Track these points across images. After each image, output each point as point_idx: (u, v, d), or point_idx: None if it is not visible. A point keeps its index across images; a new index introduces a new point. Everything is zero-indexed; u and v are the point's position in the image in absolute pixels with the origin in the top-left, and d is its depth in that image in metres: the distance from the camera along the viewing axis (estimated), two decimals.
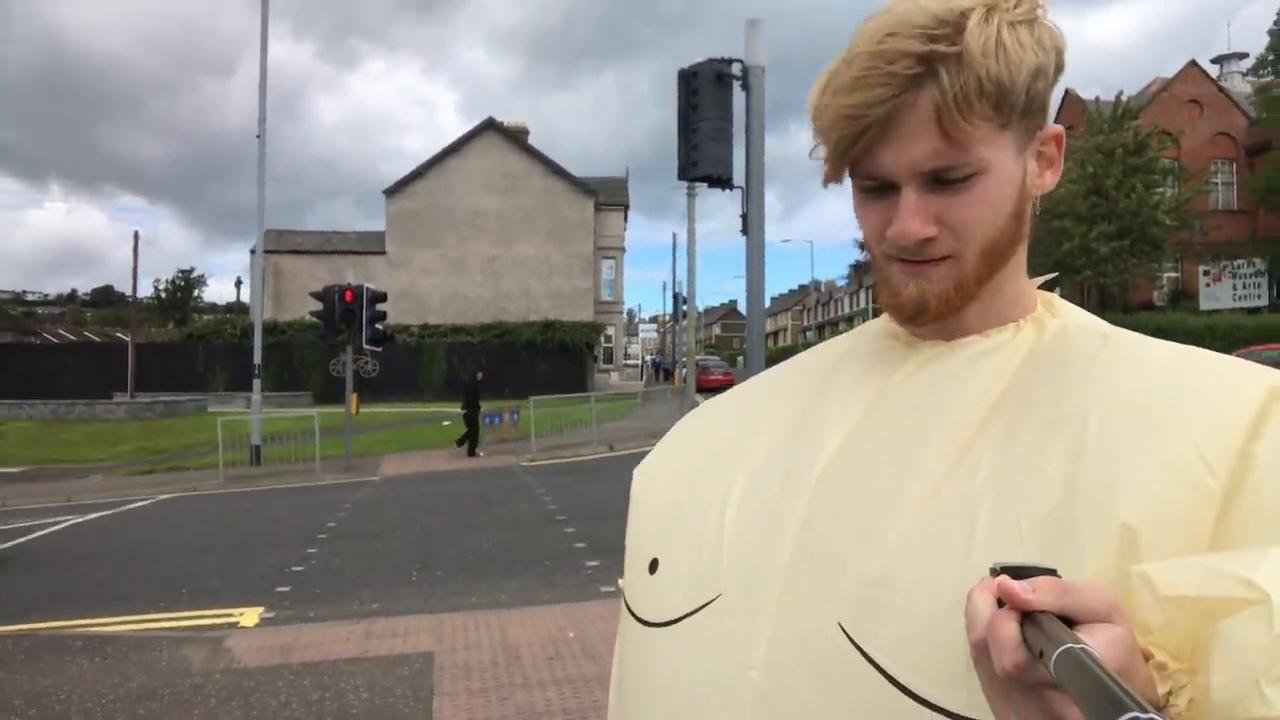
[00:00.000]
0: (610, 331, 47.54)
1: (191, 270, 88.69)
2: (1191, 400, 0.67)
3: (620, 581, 0.89)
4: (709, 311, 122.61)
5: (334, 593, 7.32)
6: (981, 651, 0.52)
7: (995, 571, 0.54)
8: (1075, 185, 27.28)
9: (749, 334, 9.52)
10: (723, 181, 7.82)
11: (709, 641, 0.75)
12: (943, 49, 0.68)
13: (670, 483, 0.91)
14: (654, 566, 0.84)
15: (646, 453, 0.99)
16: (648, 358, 72.31)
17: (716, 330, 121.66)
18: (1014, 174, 0.73)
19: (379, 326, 17.71)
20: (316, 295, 17.85)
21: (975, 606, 0.53)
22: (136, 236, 36.34)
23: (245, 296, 53.68)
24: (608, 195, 45.55)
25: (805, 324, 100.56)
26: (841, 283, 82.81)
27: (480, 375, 20.34)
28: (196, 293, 70.15)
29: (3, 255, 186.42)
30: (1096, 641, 0.49)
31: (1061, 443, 0.67)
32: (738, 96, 7.87)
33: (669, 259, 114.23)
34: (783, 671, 0.70)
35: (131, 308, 39.98)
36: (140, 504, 14.09)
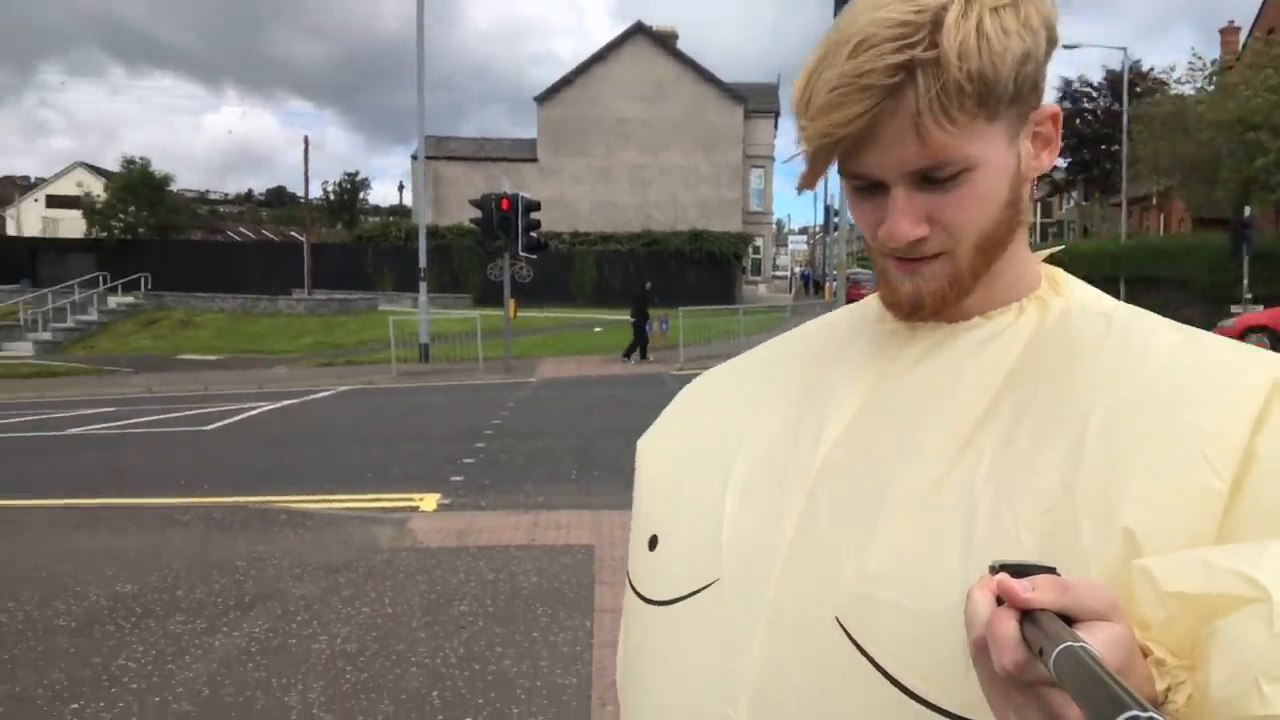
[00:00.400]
0: (759, 243, 47.07)
1: (356, 173, 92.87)
2: (1195, 396, 0.65)
3: (630, 548, 0.90)
4: None
5: (502, 485, 7.93)
6: (981, 650, 0.52)
7: (994, 570, 0.54)
8: (1275, 95, 24.65)
9: None
10: None
11: (707, 626, 0.75)
12: (920, 54, 0.64)
13: (670, 458, 0.90)
14: (654, 543, 0.84)
15: None
16: (797, 270, 71.18)
17: None
18: (1006, 163, 0.71)
19: (533, 234, 18.28)
20: (475, 203, 18.53)
21: (974, 605, 0.53)
22: (306, 141, 38.55)
23: (407, 200, 56.01)
24: (758, 102, 44.46)
25: None
26: None
27: (649, 285, 20.83)
28: (361, 195, 73.42)
29: (186, 157, 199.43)
30: (1096, 640, 0.49)
31: (1062, 442, 0.66)
32: None
33: None
34: (780, 662, 0.70)
35: (304, 210, 42.49)
36: (323, 394, 15.37)
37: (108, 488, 7.95)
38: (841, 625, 0.68)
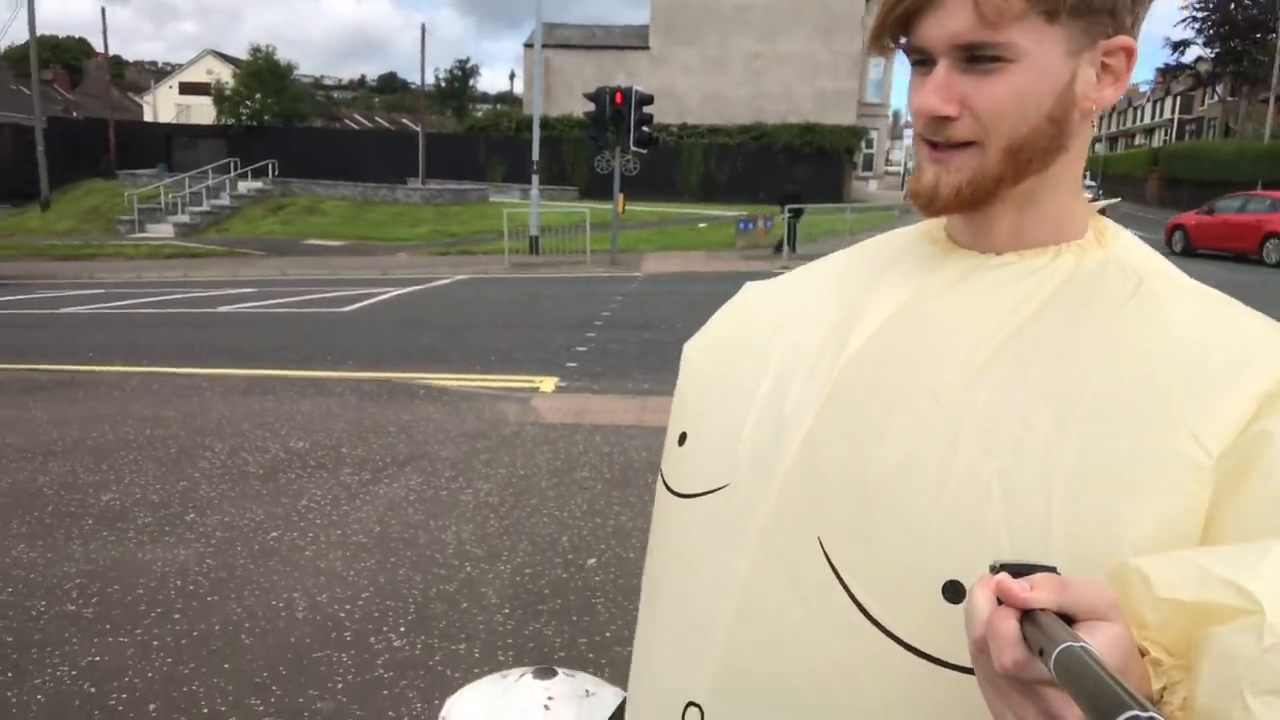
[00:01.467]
0: (873, 136, 45.74)
1: (467, 60, 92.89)
2: (1201, 371, 0.65)
3: (665, 441, 0.94)
4: None
5: (613, 372, 8.59)
6: (981, 649, 0.52)
7: (994, 569, 0.54)
8: None
9: None
10: None
11: (713, 524, 0.79)
12: None
13: (710, 362, 0.92)
14: (683, 439, 0.87)
15: None
16: (910, 164, 68.82)
17: None
18: (1057, 73, 0.69)
19: (645, 129, 18.49)
20: (589, 96, 18.78)
21: (974, 604, 0.53)
22: (424, 29, 38.91)
23: (517, 88, 56.08)
24: None
25: (1098, 133, 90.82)
26: (1145, 87, 73.41)
27: (797, 184, 21.38)
28: (471, 82, 73.81)
29: (304, 42, 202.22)
30: (1096, 640, 0.49)
31: (1055, 404, 0.67)
32: None
33: None
34: (765, 568, 0.74)
35: (420, 100, 43.23)
36: (442, 281, 16.31)
37: (264, 361, 8.94)
38: (822, 545, 0.71)
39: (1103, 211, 0.81)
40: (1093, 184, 44.14)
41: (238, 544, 4.36)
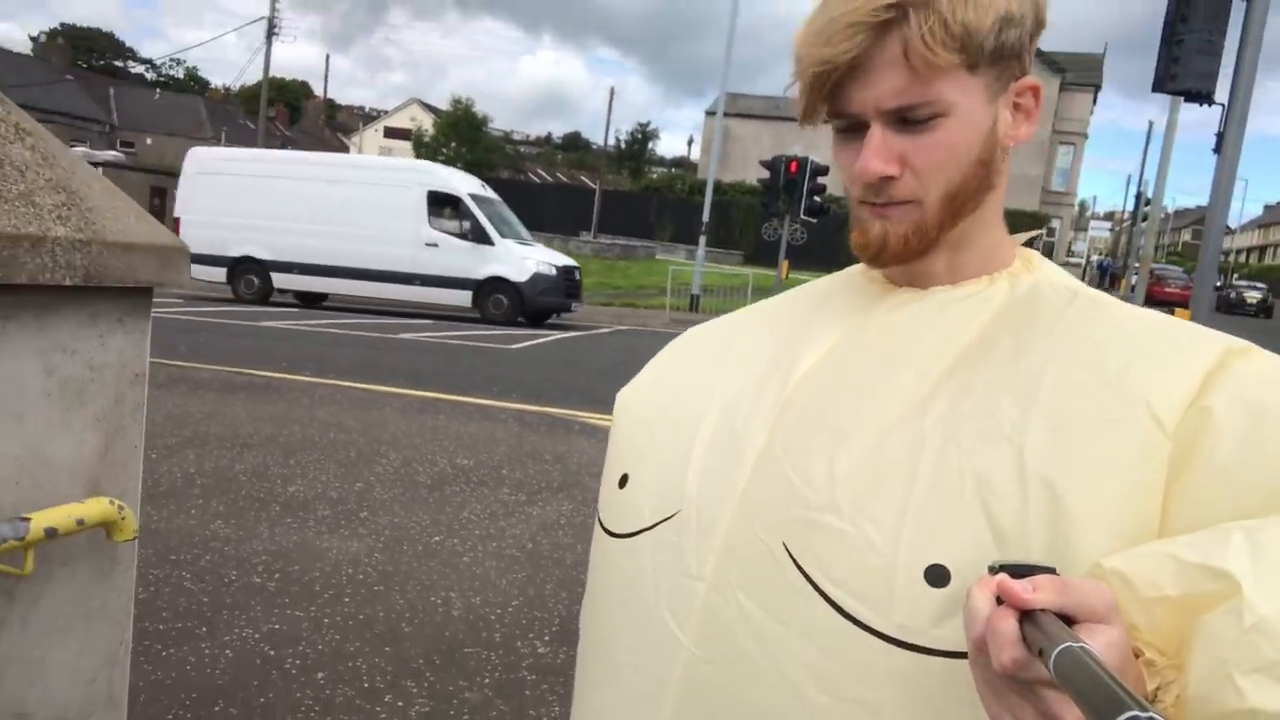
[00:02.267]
0: (1055, 224, 44.19)
1: (648, 124, 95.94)
2: (1147, 357, 0.68)
3: (601, 486, 0.94)
4: (1179, 214, 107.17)
5: None
6: (980, 649, 0.53)
7: (993, 569, 0.54)
8: None
9: (1201, 259, 9.03)
10: (1203, 97, 7.41)
11: (664, 553, 0.78)
12: None
13: (648, 402, 0.93)
14: (624, 481, 0.86)
15: None
16: (1095, 258, 65.88)
17: (1185, 236, 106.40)
18: (981, 120, 0.73)
19: (817, 199, 18.62)
20: (765, 164, 19.12)
21: (974, 604, 0.53)
22: (612, 92, 40.81)
23: (694, 154, 57.52)
24: (1078, 73, 41.47)
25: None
26: None
27: None
28: (650, 145, 76.14)
29: (500, 97, 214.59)
30: (1095, 641, 0.49)
31: (1014, 393, 0.69)
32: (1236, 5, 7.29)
33: (1139, 148, 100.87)
34: (728, 584, 0.72)
35: (600, 158, 45.04)
36: (603, 330, 16.84)
37: (438, 385, 9.52)
38: (788, 549, 0.70)
39: (1029, 243, 0.85)
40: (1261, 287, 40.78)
41: (404, 543, 4.69)
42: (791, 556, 0.70)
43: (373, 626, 3.70)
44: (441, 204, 16.73)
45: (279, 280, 17.27)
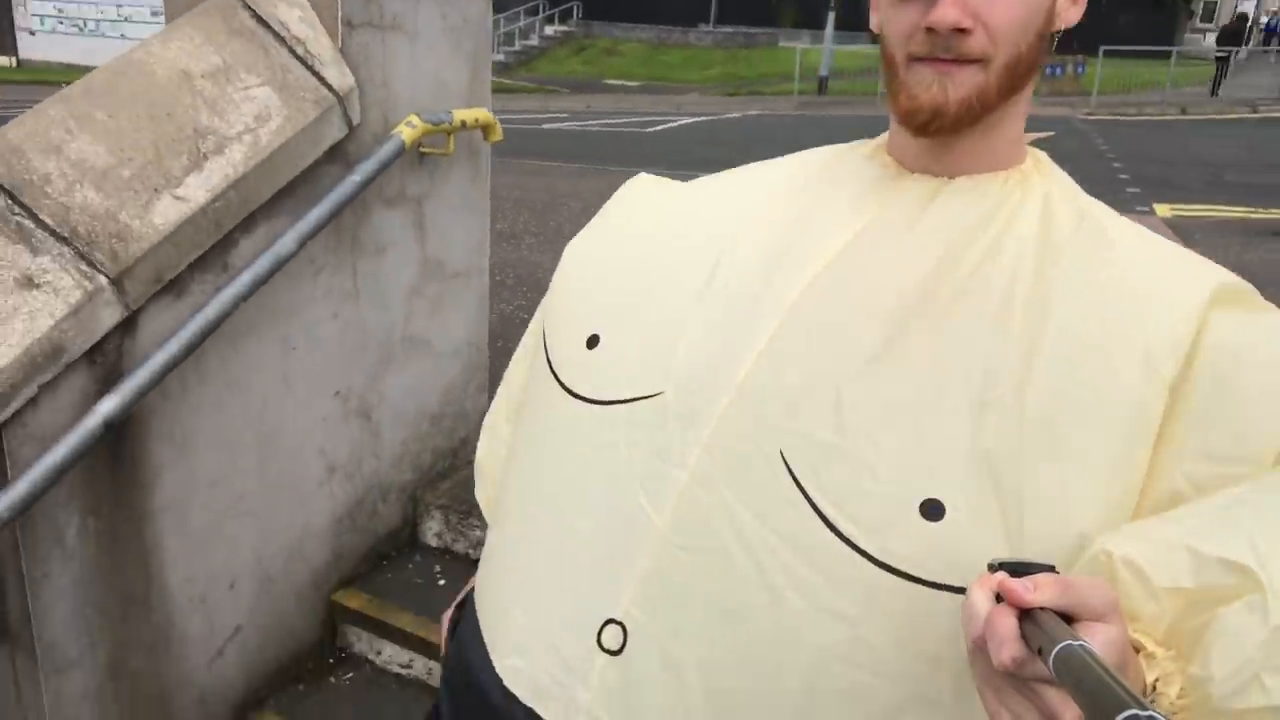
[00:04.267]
0: None
1: None
2: (1149, 302, 0.69)
3: (545, 340, 0.90)
4: None
5: None
6: (979, 647, 0.52)
7: (993, 568, 0.54)
8: None
9: None
10: None
11: (642, 433, 0.75)
12: None
13: (618, 263, 0.89)
14: (593, 342, 0.83)
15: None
16: (1264, 19, 59.23)
17: None
18: None
19: None
20: None
21: (973, 602, 0.53)
22: None
23: None
24: None
25: None
26: None
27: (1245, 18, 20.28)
28: None
29: None
30: (1095, 640, 0.49)
31: (1024, 333, 0.69)
32: None
33: None
34: (712, 479, 0.71)
35: None
36: (733, 115, 17.05)
37: (588, 161, 10.26)
38: (784, 460, 0.69)
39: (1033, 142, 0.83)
40: None
41: None
42: (788, 468, 0.70)
43: None
44: None
45: None
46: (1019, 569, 0.53)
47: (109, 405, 1.60)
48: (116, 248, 1.63)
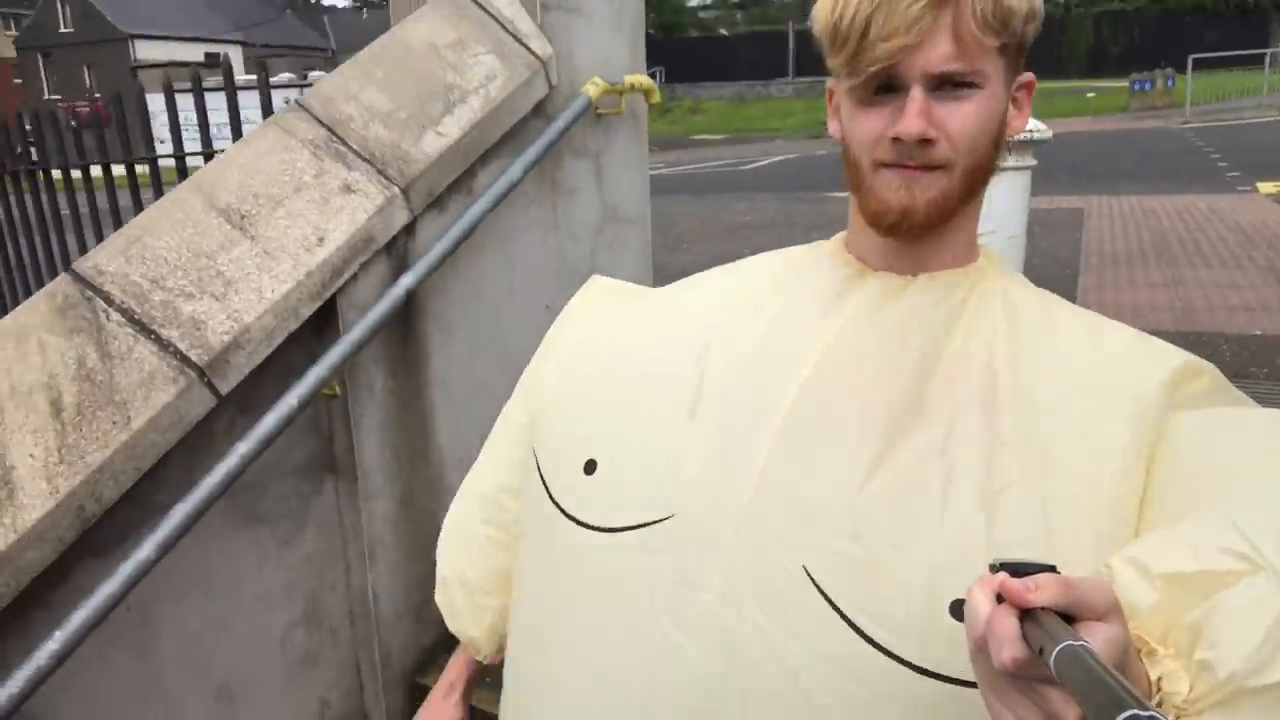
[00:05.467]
0: None
1: None
2: (1119, 383, 0.72)
3: (542, 465, 0.88)
4: None
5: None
6: (980, 648, 0.53)
7: (994, 568, 0.54)
8: None
9: None
10: None
11: (657, 558, 0.75)
12: None
13: (602, 379, 0.89)
14: (591, 467, 0.83)
15: None
16: None
17: None
18: (1002, 100, 0.76)
19: None
20: None
21: (974, 603, 0.53)
22: None
23: None
24: None
25: None
26: None
27: None
28: None
29: None
30: (1095, 640, 0.49)
31: (1016, 423, 0.71)
32: None
33: None
34: (740, 601, 0.71)
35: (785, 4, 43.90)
36: (821, 153, 17.56)
37: (693, 192, 10.82)
38: (808, 573, 0.70)
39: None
40: None
41: None
42: (814, 581, 0.70)
43: None
44: None
45: None
46: (1020, 569, 0.53)
47: (408, 280, 2.11)
48: (401, 168, 2.15)
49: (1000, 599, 0.52)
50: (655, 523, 0.77)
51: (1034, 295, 0.82)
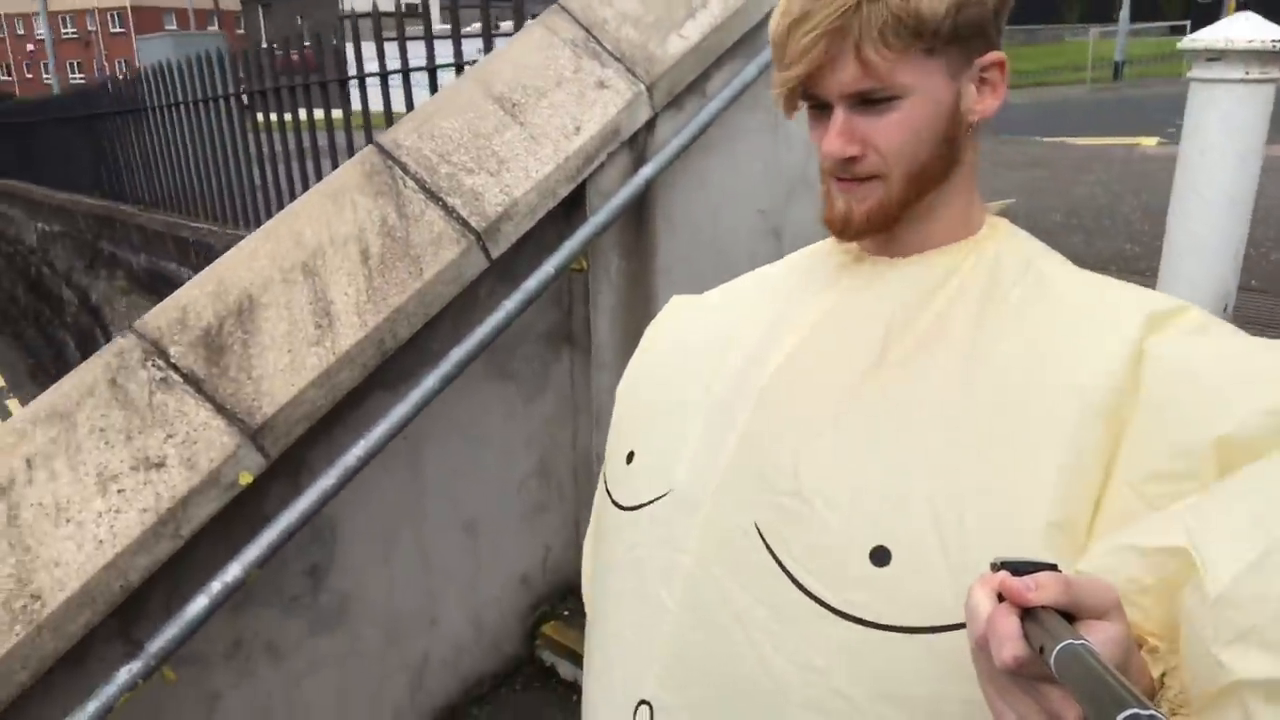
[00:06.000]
0: None
1: None
2: (1079, 333, 0.72)
3: (606, 462, 1.00)
4: None
5: None
6: (981, 646, 0.53)
7: (995, 566, 0.54)
8: None
9: None
10: None
11: (659, 528, 0.84)
12: None
13: (650, 384, 0.97)
14: (630, 458, 0.92)
15: None
16: None
17: None
18: (943, 98, 0.75)
19: None
20: None
21: (974, 601, 0.54)
22: None
23: None
24: None
25: None
26: None
27: None
28: None
29: None
30: (1096, 638, 0.49)
31: (965, 384, 0.73)
32: None
33: None
34: (707, 559, 0.79)
35: None
36: (1023, 102, 16.72)
37: None
38: (759, 529, 0.76)
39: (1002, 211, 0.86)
40: None
41: None
42: (762, 536, 0.75)
43: None
44: None
45: None
46: (1020, 568, 0.53)
47: (648, 171, 2.31)
48: (648, 67, 2.34)
49: (1001, 598, 0.52)
50: (660, 498, 0.85)
51: (1023, 254, 0.81)
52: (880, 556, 0.69)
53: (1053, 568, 0.53)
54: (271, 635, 1.99)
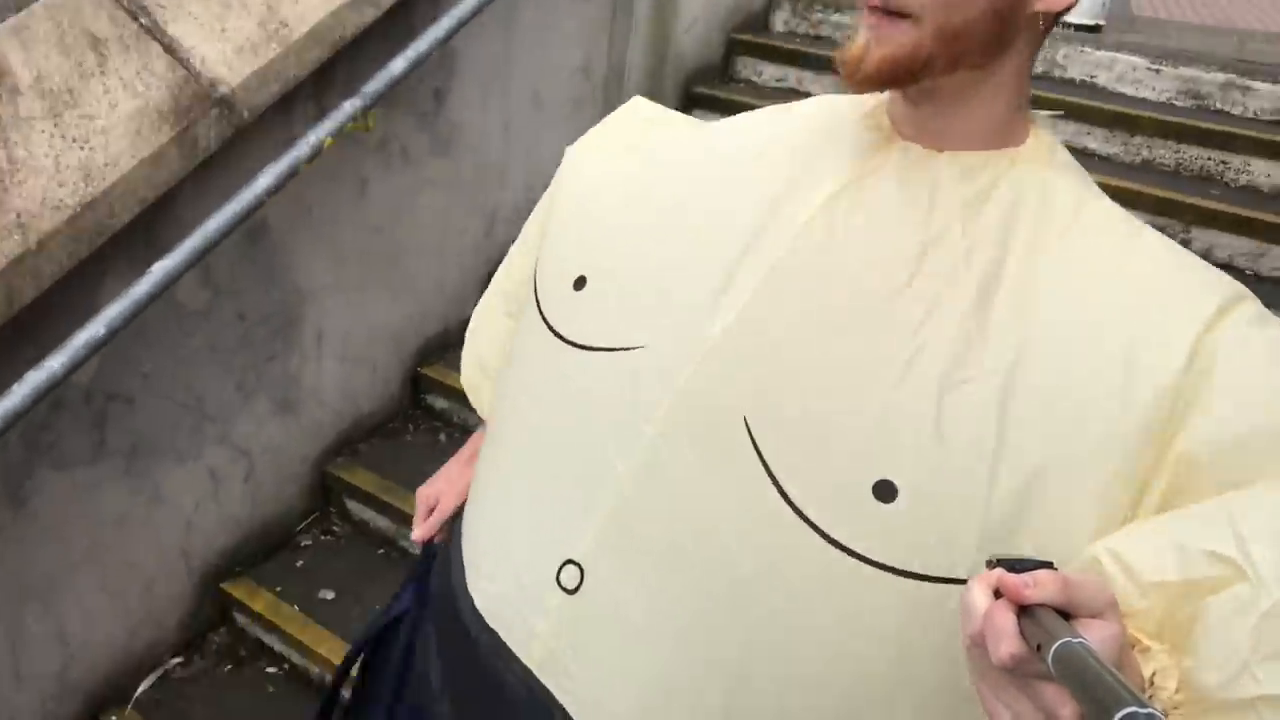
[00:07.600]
0: None
1: None
2: (1149, 317, 0.67)
3: (539, 273, 0.89)
4: None
5: None
6: (977, 643, 0.52)
7: (991, 564, 0.54)
8: None
9: None
10: None
11: (619, 384, 0.76)
12: None
13: (614, 195, 0.88)
14: (580, 283, 0.83)
15: None
16: None
17: None
18: None
19: None
20: None
21: (971, 598, 0.53)
22: None
23: None
24: None
25: None
26: None
27: None
28: None
29: None
30: (1092, 636, 0.49)
31: (1007, 322, 0.68)
32: None
33: None
34: (675, 436, 0.73)
35: None
36: None
37: None
38: (748, 426, 0.70)
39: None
40: None
41: None
42: (751, 435, 0.70)
43: None
44: None
45: None
46: (1017, 565, 0.53)
47: None
48: None
49: (998, 594, 0.52)
50: (626, 349, 0.77)
51: (1075, 190, 0.75)
52: (885, 491, 0.66)
53: (1049, 565, 0.53)
54: (406, 141, 2.44)
